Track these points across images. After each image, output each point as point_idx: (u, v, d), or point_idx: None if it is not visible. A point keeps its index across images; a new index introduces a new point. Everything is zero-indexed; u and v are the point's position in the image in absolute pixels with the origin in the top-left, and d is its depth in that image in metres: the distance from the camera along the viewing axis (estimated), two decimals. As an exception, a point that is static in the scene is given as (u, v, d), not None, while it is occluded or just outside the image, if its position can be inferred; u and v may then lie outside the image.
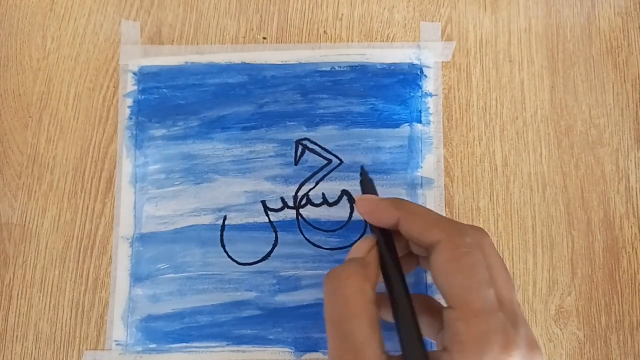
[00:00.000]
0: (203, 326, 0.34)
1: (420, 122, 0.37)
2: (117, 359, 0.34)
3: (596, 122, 0.37)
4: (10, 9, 0.39)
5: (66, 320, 0.35)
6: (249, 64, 0.37)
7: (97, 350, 0.34)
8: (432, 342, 0.31)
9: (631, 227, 0.36)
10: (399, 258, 0.27)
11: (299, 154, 0.36)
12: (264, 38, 0.38)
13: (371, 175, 0.30)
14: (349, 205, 0.35)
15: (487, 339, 0.22)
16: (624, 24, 0.38)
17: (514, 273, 0.35)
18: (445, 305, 0.25)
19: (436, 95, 0.37)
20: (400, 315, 0.24)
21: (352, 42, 0.38)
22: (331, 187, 0.36)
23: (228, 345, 0.34)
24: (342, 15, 0.38)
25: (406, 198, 0.35)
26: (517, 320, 0.23)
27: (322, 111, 0.36)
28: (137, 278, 0.35)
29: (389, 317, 0.26)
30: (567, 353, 0.34)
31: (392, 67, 0.37)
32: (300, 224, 0.35)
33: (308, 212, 0.35)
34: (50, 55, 0.38)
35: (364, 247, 0.27)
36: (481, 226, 0.35)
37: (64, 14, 0.39)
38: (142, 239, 0.35)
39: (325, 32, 0.38)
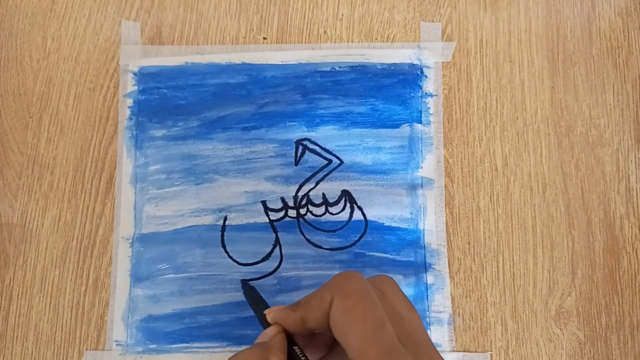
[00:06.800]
0: (203, 326, 0.34)
1: (420, 122, 0.37)
2: (117, 359, 0.34)
3: (596, 122, 0.37)
4: (10, 9, 0.39)
5: (66, 321, 0.35)
6: (249, 64, 0.37)
7: (97, 350, 0.34)
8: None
9: (631, 227, 0.36)
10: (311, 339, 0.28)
11: (299, 154, 0.36)
12: (264, 38, 0.38)
13: (371, 176, 0.30)
14: (349, 205, 0.35)
15: None
16: (624, 24, 0.38)
17: (513, 273, 0.35)
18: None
19: (436, 95, 0.37)
20: None
21: (352, 42, 0.38)
22: (331, 187, 0.36)
23: (228, 345, 0.34)
24: (342, 15, 0.38)
25: (406, 198, 0.35)
26: (419, 352, 0.24)
27: (322, 111, 0.36)
28: (137, 278, 0.35)
29: None
30: (567, 353, 0.34)
31: (392, 67, 0.37)
32: (300, 224, 0.35)
33: (308, 212, 0.35)
34: (50, 55, 0.38)
35: (270, 333, 0.27)
36: (481, 226, 0.36)
37: (64, 14, 0.39)
38: (142, 239, 0.35)
39: (325, 32, 0.38)
